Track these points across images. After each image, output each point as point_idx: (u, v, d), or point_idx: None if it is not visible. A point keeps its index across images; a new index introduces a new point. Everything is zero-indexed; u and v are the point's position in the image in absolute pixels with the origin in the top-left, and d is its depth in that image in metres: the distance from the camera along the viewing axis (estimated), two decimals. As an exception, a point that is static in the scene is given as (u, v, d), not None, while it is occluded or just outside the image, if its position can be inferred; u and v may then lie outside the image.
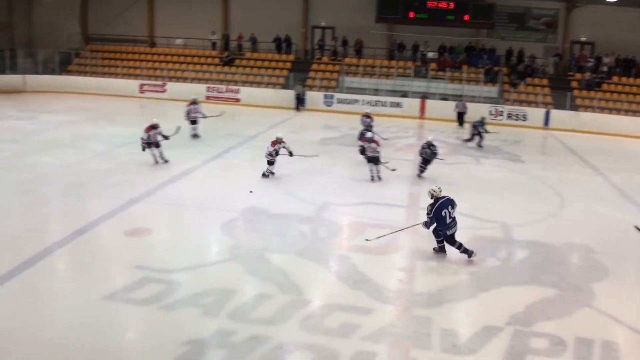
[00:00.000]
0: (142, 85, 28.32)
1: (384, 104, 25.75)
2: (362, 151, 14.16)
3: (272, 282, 8.30)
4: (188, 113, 17.91)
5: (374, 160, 13.88)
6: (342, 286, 8.35)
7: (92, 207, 11.58)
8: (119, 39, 31.49)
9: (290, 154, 13.88)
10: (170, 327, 7.08)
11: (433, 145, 14.32)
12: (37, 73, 29.15)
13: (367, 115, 18.13)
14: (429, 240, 10.08)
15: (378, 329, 7.19)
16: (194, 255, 9.13)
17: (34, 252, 9.07)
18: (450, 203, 9.14)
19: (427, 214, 9.14)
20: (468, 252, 9.31)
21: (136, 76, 28.92)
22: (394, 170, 13.91)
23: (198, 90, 26.89)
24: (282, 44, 29.99)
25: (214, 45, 30.69)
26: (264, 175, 13.67)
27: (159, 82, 28.26)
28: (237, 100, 26.72)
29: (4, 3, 32.06)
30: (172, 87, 27.95)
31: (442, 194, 9.20)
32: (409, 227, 10.11)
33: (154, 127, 14.21)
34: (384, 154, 14.31)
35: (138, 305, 7.57)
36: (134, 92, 28.08)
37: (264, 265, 8.90)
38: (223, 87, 27.28)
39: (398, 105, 25.81)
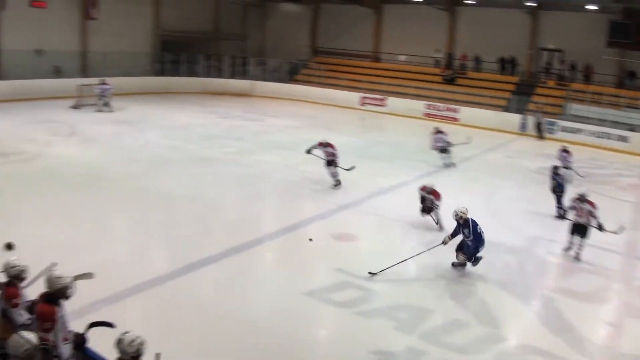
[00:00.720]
0: (363, 98, 29.40)
1: (609, 137, 23.57)
2: (562, 215, 11.50)
3: (470, 310, 8.10)
4: (434, 143, 17.77)
5: (581, 230, 10.25)
6: (543, 328, 7.83)
7: (304, 207, 12.48)
8: (345, 52, 33.10)
9: (436, 223, 11.52)
10: (362, 333, 7.28)
11: None
12: (265, 80, 31.85)
13: (565, 150, 16.37)
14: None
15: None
16: (395, 268, 9.24)
17: (247, 240, 10.04)
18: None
19: (466, 236, 9.06)
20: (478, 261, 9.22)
21: (358, 89, 30.11)
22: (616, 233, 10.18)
23: (416, 106, 27.26)
24: (506, 65, 29.11)
25: (436, 63, 30.82)
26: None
27: (380, 96, 29.10)
28: (455, 120, 26.45)
29: (240, 15, 35.66)
30: (392, 101, 28.58)
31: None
32: (420, 254, 9.36)
33: (325, 144, 13.89)
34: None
35: (335, 307, 7.91)
36: (354, 104, 29.28)
37: (464, 291, 8.72)
38: (441, 105, 27.26)
39: (624, 139, 23.39)
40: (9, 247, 7.70)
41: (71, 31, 27.72)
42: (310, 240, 10.38)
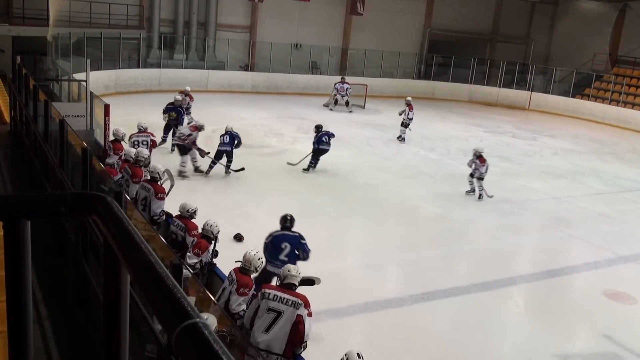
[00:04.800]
0: (668, 124, 26.58)
1: None
2: None
3: None
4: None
5: None
6: None
7: (572, 250, 11.67)
8: (653, 64, 30.23)
9: None
10: None
11: None
12: (546, 92, 30.57)
13: None
14: None
15: None
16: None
17: (496, 277, 9.67)
18: None
19: None
20: None
21: (664, 111, 27.29)
22: None
23: None
24: None
25: None
26: None
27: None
28: None
29: (526, 15, 34.92)
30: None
31: None
32: None
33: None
34: None
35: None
36: (658, 129, 26.58)
37: None
38: None
39: None
40: (239, 239, 8.44)
41: (333, 27, 29.89)
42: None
